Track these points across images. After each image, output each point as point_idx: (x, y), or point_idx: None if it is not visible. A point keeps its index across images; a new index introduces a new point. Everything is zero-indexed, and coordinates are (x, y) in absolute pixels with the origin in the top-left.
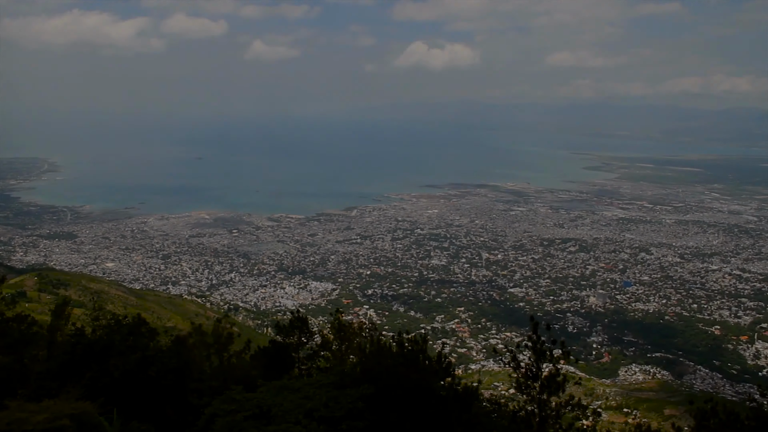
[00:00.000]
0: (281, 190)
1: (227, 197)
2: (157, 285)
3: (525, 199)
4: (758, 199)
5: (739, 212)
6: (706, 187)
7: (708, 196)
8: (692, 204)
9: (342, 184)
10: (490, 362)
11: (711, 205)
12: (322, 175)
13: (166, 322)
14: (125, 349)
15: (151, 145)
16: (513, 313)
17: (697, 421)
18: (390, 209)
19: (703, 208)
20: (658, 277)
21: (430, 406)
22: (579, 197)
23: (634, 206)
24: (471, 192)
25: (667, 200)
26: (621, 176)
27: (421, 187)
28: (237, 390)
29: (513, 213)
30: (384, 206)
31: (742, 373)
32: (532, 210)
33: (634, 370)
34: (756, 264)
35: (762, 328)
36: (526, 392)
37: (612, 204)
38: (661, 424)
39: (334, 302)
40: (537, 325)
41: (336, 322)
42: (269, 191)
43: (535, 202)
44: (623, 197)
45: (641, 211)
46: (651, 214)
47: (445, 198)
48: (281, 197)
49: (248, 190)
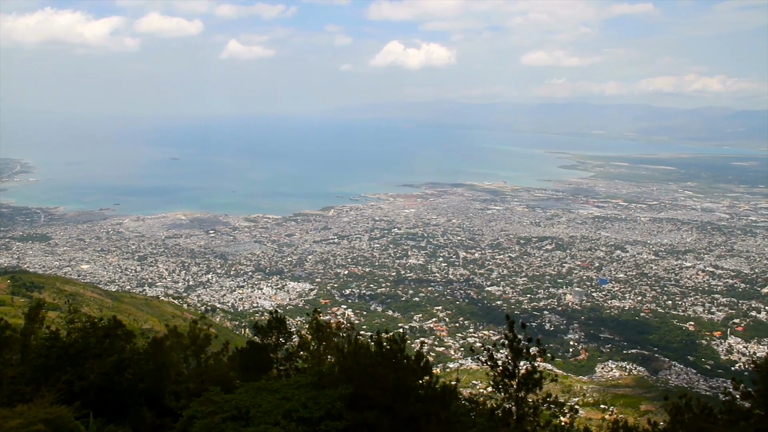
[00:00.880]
0: (258, 190)
1: (204, 198)
2: (133, 287)
3: (501, 197)
4: (730, 196)
5: (711, 210)
6: (680, 185)
7: (682, 194)
8: (666, 202)
9: (319, 183)
10: (468, 361)
11: (684, 203)
12: (298, 175)
13: (143, 324)
14: (101, 351)
15: (126, 146)
16: (490, 312)
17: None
18: (367, 209)
19: (676, 206)
20: (634, 274)
21: (408, 405)
22: (555, 196)
23: (609, 204)
24: (448, 191)
25: (641, 198)
26: (596, 175)
27: (398, 187)
28: (215, 391)
29: (490, 212)
30: (361, 206)
31: (715, 368)
32: (508, 209)
33: (610, 367)
34: (728, 261)
35: (734, 324)
36: (504, 390)
37: (587, 202)
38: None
39: (311, 302)
40: (513, 323)
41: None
42: (246, 191)
43: (511, 200)
44: (599, 195)
45: (616, 209)
46: (626, 212)
47: (422, 197)
48: (258, 197)
49: (225, 191)
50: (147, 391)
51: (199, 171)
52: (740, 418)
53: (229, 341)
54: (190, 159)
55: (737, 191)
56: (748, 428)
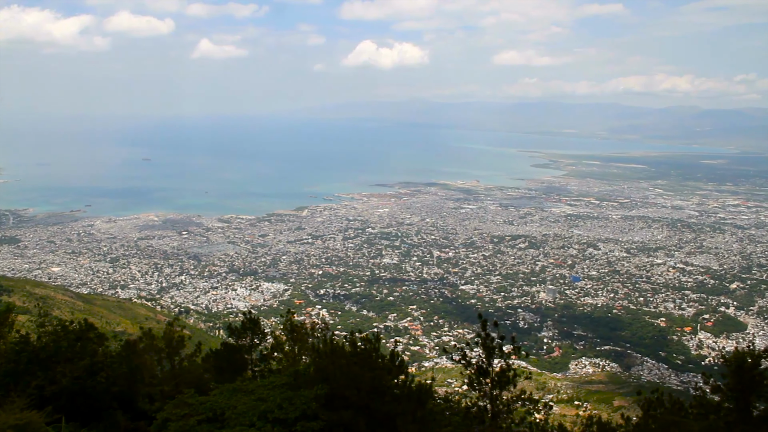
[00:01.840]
0: (231, 191)
1: (176, 198)
2: (105, 289)
3: (475, 196)
4: (699, 194)
5: (681, 207)
6: (650, 183)
7: (652, 192)
8: (637, 200)
9: (292, 183)
10: (443, 359)
11: (655, 200)
12: (272, 175)
13: (116, 327)
14: (73, 355)
15: (97, 146)
16: (465, 310)
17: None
18: (341, 209)
19: (647, 203)
20: (606, 271)
21: (384, 404)
22: (528, 194)
23: (581, 203)
24: (421, 190)
25: (613, 196)
26: (568, 173)
27: (372, 186)
28: (189, 393)
29: (463, 211)
30: (335, 206)
31: (686, 363)
32: (482, 207)
33: (584, 364)
34: (698, 257)
35: (704, 319)
36: (478, 388)
37: (560, 201)
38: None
39: (286, 303)
40: (486, 322)
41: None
42: (219, 192)
43: (484, 199)
44: (571, 194)
45: (588, 208)
46: (598, 210)
47: (395, 197)
48: (231, 198)
49: (197, 191)
50: (120, 394)
51: (171, 172)
52: (710, 412)
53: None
54: (162, 159)
55: (706, 189)
56: (718, 421)
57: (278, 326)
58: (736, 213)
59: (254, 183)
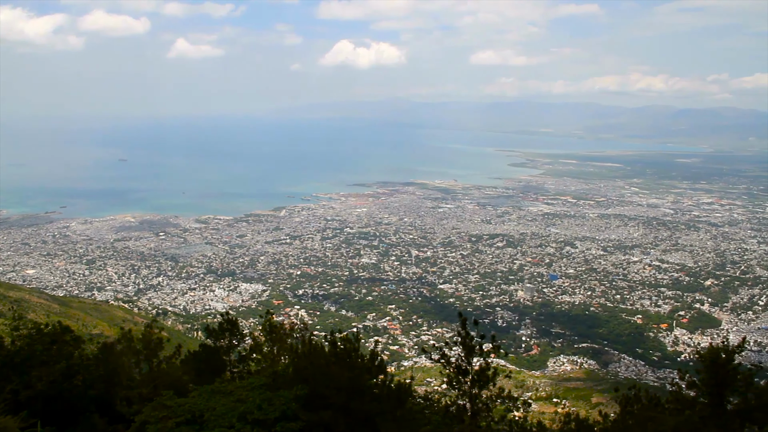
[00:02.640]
0: (208, 191)
1: (153, 199)
2: (81, 291)
3: (453, 196)
4: (674, 192)
5: (657, 205)
6: (626, 182)
7: (628, 191)
8: (613, 198)
9: (270, 184)
10: (422, 358)
11: (631, 199)
12: (249, 176)
13: (92, 329)
14: (48, 359)
15: (72, 147)
16: (444, 309)
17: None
18: (319, 209)
19: (623, 202)
20: (583, 269)
21: (364, 403)
22: (505, 193)
23: (558, 201)
24: (399, 190)
25: (589, 195)
26: (545, 172)
27: (350, 186)
28: (168, 396)
29: (441, 210)
30: (313, 206)
31: (662, 360)
32: (459, 207)
33: (562, 361)
34: (673, 255)
35: (680, 316)
36: (458, 387)
37: (537, 200)
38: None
39: (264, 303)
40: (465, 321)
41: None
42: (196, 192)
43: (462, 198)
44: (548, 193)
45: (565, 206)
46: (575, 208)
47: (373, 196)
48: (209, 198)
49: (175, 192)
50: (98, 397)
51: (148, 172)
52: (686, 407)
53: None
54: (138, 160)
55: (681, 187)
56: (694, 416)
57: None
58: (710, 211)
59: (232, 183)
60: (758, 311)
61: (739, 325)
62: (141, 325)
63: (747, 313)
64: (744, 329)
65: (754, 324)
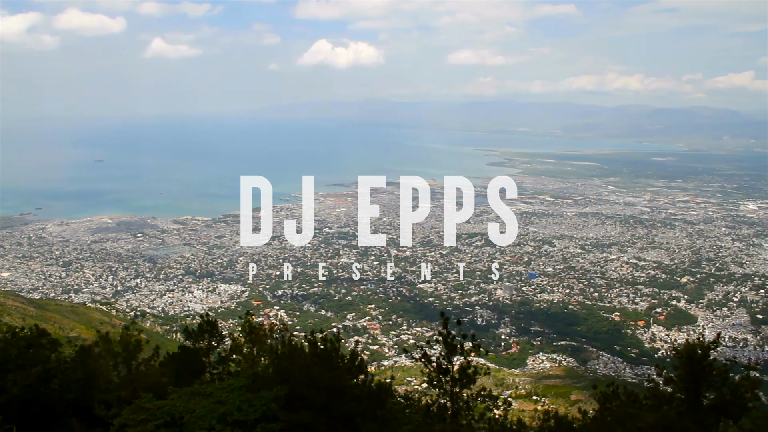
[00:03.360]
0: (187, 192)
1: (130, 200)
2: (58, 294)
3: (431, 195)
4: (651, 191)
5: (633, 204)
6: (604, 181)
7: (605, 189)
8: (591, 197)
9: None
10: (402, 358)
11: (608, 197)
12: (228, 176)
13: (69, 332)
14: (24, 362)
15: (47, 147)
16: (423, 309)
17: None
18: (297, 209)
19: (601, 200)
20: (561, 268)
21: (344, 404)
22: (483, 192)
23: (536, 200)
24: (378, 190)
25: (567, 194)
26: (524, 171)
27: (329, 186)
28: (147, 398)
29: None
30: (291, 206)
31: (640, 356)
32: (438, 206)
33: (541, 359)
34: (650, 252)
35: (657, 313)
36: (439, 386)
37: (516, 198)
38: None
39: (243, 304)
40: (447, 320)
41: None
42: (174, 193)
43: (441, 198)
44: (526, 191)
45: (543, 205)
46: (553, 207)
47: (352, 196)
48: (187, 199)
49: (152, 193)
50: (75, 401)
51: (125, 173)
52: (663, 402)
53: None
54: (115, 161)
55: (657, 186)
56: (671, 411)
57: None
58: (686, 209)
59: (210, 184)
60: (733, 307)
61: (715, 321)
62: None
63: (722, 309)
64: (719, 325)
65: (729, 320)
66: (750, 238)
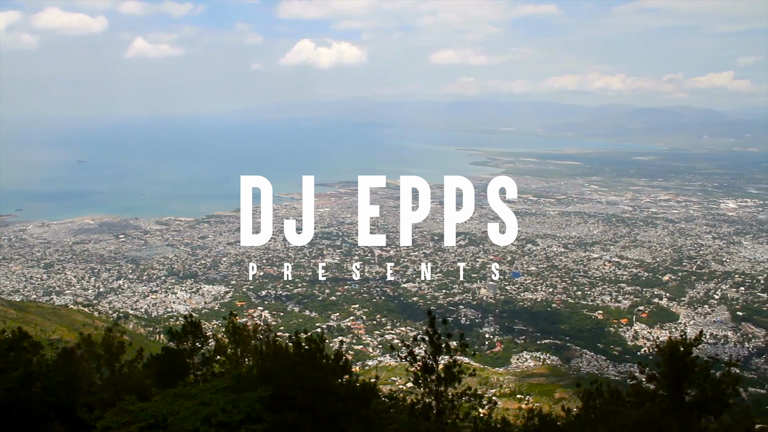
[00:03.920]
0: (169, 193)
1: (113, 201)
2: (39, 296)
3: (415, 195)
4: (633, 189)
5: (616, 203)
6: (586, 180)
7: (588, 188)
8: (573, 196)
9: (232, 184)
10: (386, 357)
11: (591, 196)
12: (211, 177)
13: (51, 335)
14: (5, 366)
15: (27, 148)
16: (407, 308)
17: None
18: (281, 209)
19: (583, 199)
20: (545, 266)
21: (329, 404)
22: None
23: (519, 199)
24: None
25: (550, 193)
26: (506, 171)
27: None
28: (130, 400)
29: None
30: (275, 206)
31: (623, 354)
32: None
33: (525, 357)
34: (632, 251)
35: (639, 311)
36: (424, 385)
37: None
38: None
39: (227, 305)
40: (434, 318)
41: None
42: (157, 194)
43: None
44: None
45: (526, 204)
46: (536, 206)
47: (336, 196)
48: (169, 200)
49: (135, 194)
50: (57, 404)
51: (107, 174)
52: (646, 400)
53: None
54: (97, 161)
55: (639, 184)
56: (654, 408)
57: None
58: (667, 207)
59: (193, 184)
60: (714, 305)
61: (696, 318)
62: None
63: (703, 306)
64: (701, 322)
65: (710, 317)
66: (730, 236)
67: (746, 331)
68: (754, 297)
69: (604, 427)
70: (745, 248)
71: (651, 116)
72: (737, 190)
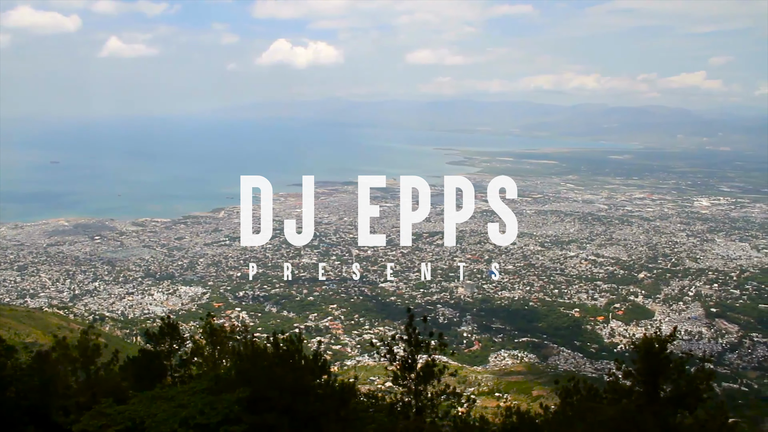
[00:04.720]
0: (145, 193)
1: (88, 202)
2: (13, 299)
3: (392, 194)
4: (608, 188)
5: (591, 201)
6: (562, 179)
7: (564, 187)
8: (550, 195)
9: (208, 185)
10: (365, 357)
11: (567, 195)
12: (187, 177)
13: (25, 338)
14: None
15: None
16: (385, 308)
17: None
18: (258, 209)
19: (559, 198)
20: (522, 265)
21: (307, 404)
22: (443, 191)
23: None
24: (339, 189)
25: (527, 192)
26: (483, 170)
27: (289, 186)
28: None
29: (381, 209)
30: (252, 206)
31: (600, 351)
32: (399, 205)
33: (503, 356)
34: (608, 249)
35: (616, 308)
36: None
37: (475, 197)
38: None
39: (205, 306)
40: (413, 316)
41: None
42: (133, 195)
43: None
44: (486, 190)
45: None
46: (512, 205)
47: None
48: (146, 200)
49: (110, 195)
50: (32, 408)
51: (81, 175)
52: (623, 396)
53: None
54: (71, 162)
55: (614, 183)
56: (630, 404)
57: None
58: (642, 205)
59: (169, 185)
60: (688, 302)
61: (671, 315)
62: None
63: (678, 303)
64: (675, 319)
65: (685, 314)
66: (704, 234)
67: (720, 327)
68: (727, 294)
69: (582, 423)
70: (718, 245)
71: (626, 115)
72: (710, 188)
